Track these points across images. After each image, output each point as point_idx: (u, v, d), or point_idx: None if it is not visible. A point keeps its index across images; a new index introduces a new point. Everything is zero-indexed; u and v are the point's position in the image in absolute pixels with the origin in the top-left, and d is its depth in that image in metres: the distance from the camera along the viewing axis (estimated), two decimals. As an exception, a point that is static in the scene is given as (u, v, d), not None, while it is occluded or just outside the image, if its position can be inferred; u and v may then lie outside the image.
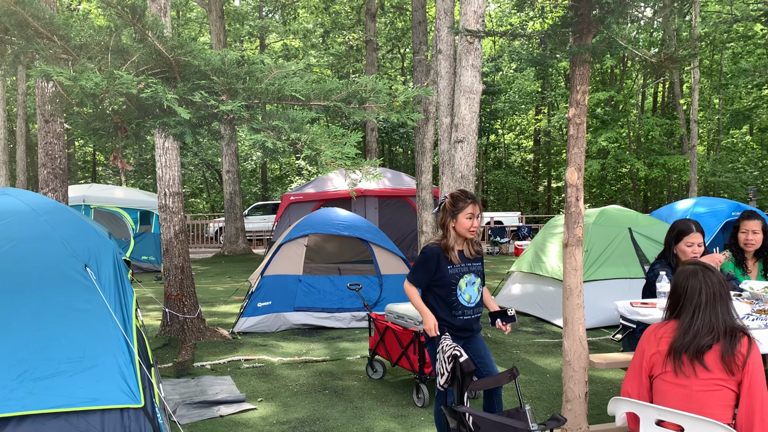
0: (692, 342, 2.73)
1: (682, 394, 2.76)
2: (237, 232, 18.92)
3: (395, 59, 33.58)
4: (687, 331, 2.76)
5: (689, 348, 2.73)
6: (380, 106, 2.87)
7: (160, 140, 7.19)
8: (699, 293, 2.80)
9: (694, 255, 4.22)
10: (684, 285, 2.87)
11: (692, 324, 2.76)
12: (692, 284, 2.83)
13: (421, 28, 11.02)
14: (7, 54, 2.76)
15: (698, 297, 2.80)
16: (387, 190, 15.11)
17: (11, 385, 3.76)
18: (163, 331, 7.35)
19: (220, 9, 18.63)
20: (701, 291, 2.80)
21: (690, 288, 2.83)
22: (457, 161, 6.87)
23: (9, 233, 4.17)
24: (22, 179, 17.08)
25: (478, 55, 6.90)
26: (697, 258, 4.19)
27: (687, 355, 2.73)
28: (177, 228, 7.37)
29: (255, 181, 33.39)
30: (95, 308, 4.08)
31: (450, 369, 3.57)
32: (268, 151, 2.74)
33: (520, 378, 5.95)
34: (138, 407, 3.87)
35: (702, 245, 4.29)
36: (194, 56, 2.77)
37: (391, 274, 8.24)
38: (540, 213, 32.12)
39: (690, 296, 2.82)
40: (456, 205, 3.78)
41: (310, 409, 5.09)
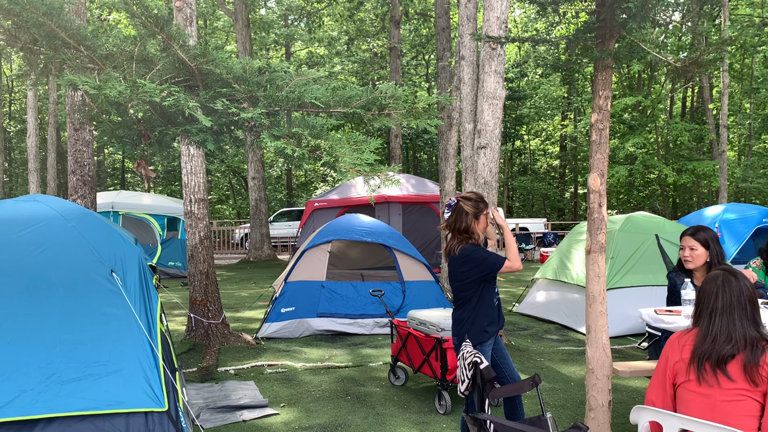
0: (712, 350, 2.70)
1: (706, 404, 2.71)
2: (262, 238, 19.07)
3: (419, 66, 33.62)
4: (705, 337, 2.74)
5: (710, 356, 2.70)
6: (400, 112, 2.89)
7: (185, 148, 7.30)
8: (715, 298, 2.78)
9: (686, 259, 4.18)
10: (703, 290, 2.86)
11: (709, 329, 2.74)
12: (709, 289, 2.82)
13: (444, 34, 11.02)
14: (36, 63, 2.83)
15: (713, 302, 2.78)
16: (411, 197, 15.12)
17: (39, 388, 3.83)
18: (188, 336, 7.43)
19: (246, 18, 18.85)
20: (717, 296, 2.78)
21: (707, 293, 2.82)
22: (480, 167, 6.85)
23: (38, 239, 4.27)
24: (52, 186, 17.46)
25: (501, 61, 6.88)
26: (690, 261, 4.15)
27: (709, 364, 2.70)
28: (202, 234, 7.46)
29: (280, 187, 33.65)
30: (121, 313, 4.15)
31: (470, 376, 3.55)
32: (288, 157, 2.76)
33: (544, 386, 5.89)
34: (162, 411, 3.92)
35: (695, 249, 4.19)
36: (216, 64, 2.81)
37: (414, 281, 8.23)
38: (566, 219, 31.81)
39: (706, 301, 2.81)
40: (478, 206, 3.87)
41: (332, 415, 5.10)
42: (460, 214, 3.86)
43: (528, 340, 7.82)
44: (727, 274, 2.85)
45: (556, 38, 4.45)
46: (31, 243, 4.25)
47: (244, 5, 18.66)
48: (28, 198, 4.64)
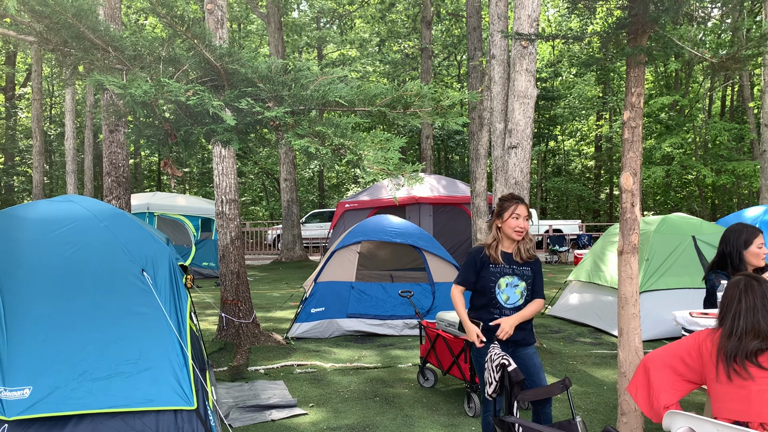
0: (739, 346, 2.78)
1: (742, 396, 2.74)
2: (294, 239, 19.20)
3: (451, 66, 33.48)
4: (731, 336, 2.82)
5: (738, 352, 2.78)
6: (425, 110, 2.85)
7: (217, 149, 7.38)
8: (738, 301, 2.89)
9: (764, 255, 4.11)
10: (726, 295, 2.96)
11: (734, 328, 2.84)
12: (731, 294, 2.94)
13: (476, 33, 10.94)
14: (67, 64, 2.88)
15: (737, 305, 2.88)
16: (441, 198, 15.04)
17: (72, 384, 3.90)
18: (219, 336, 7.51)
19: (279, 21, 19.02)
20: (740, 300, 2.88)
21: (730, 297, 2.93)
22: (511, 167, 6.77)
23: (72, 238, 4.35)
24: (89, 187, 17.86)
25: (532, 60, 6.79)
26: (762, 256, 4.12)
27: (738, 359, 2.77)
28: (233, 234, 7.53)
29: (312, 189, 33.86)
30: (151, 312, 4.20)
31: (498, 378, 3.50)
32: (312, 156, 2.75)
33: (576, 389, 5.78)
34: (191, 409, 3.95)
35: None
36: (242, 64, 2.82)
37: (444, 282, 8.17)
38: (601, 221, 31.30)
39: (729, 305, 2.92)
40: (502, 205, 3.79)
41: (361, 416, 5.09)
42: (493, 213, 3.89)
43: (560, 343, 7.69)
44: (749, 278, 2.95)
45: (588, 34, 4.37)
46: (65, 242, 4.33)
47: (277, 8, 18.83)
48: (63, 198, 4.74)
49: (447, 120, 2.87)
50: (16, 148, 28.22)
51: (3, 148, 27.81)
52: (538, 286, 3.88)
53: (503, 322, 3.69)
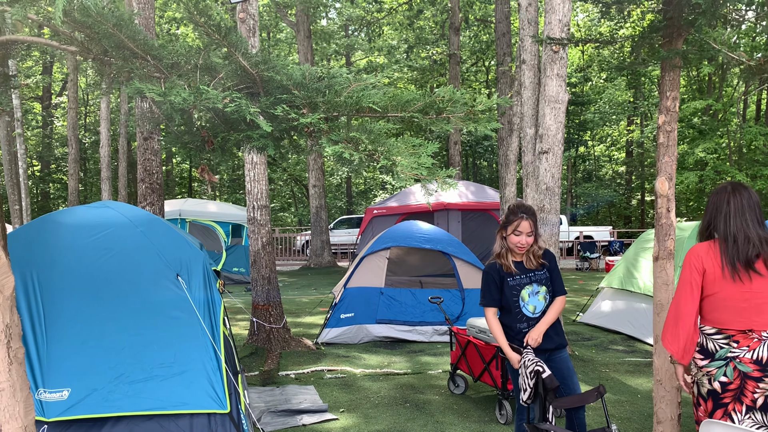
0: (737, 251, 2.92)
1: (743, 295, 2.91)
2: (323, 245, 19.30)
3: (479, 72, 33.39)
4: (726, 240, 2.96)
5: (739, 257, 2.91)
6: (458, 116, 2.86)
7: (249, 156, 7.47)
8: (726, 203, 3.01)
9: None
10: (714, 200, 3.07)
11: (727, 232, 2.96)
12: (720, 198, 3.05)
13: (505, 39, 10.91)
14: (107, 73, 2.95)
15: (726, 207, 3.00)
16: (470, 204, 14.99)
17: (109, 387, 3.97)
18: (250, 340, 7.58)
19: (308, 29, 19.19)
20: (729, 202, 3.00)
21: (718, 201, 3.04)
22: (542, 173, 6.72)
23: (108, 243, 4.44)
24: (123, 194, 18.20)
25: (563, 64, 6.74)
26: None
27: (740, 263, 2.91)
28: (264, 240, 7.60)
29: (340, 195, 34.01)
30: (186, 316, 4.26)
31: (532, 385, 3.47)
32: (346, 161, 2.77)
33: (609, 398, 5.70)
34: (224, 413, 3.99)
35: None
36: (277, 71, 2.85)
37: (474, 288, 8.12)
38: (633, 227, 30.84)
39: (719, 207, 3.03)
40: (507, 218, 3.76)
41: (391, 422, 5.08)
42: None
43: (592, 351, 7.59)
44: (735, 183, 3.09)
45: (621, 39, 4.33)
46: (102, 247, 4.42)
47: (306, 17, 19.01)
48: (99, 204, 4.84)
49: (479, 125, 2.87)
50: (52, 156, 28.91)
51: (39, 156, 28.51)
52: (557, 282, 3.83)
53: (530, 335, 3.66)
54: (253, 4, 7.28)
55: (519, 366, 3.58)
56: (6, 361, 3.08)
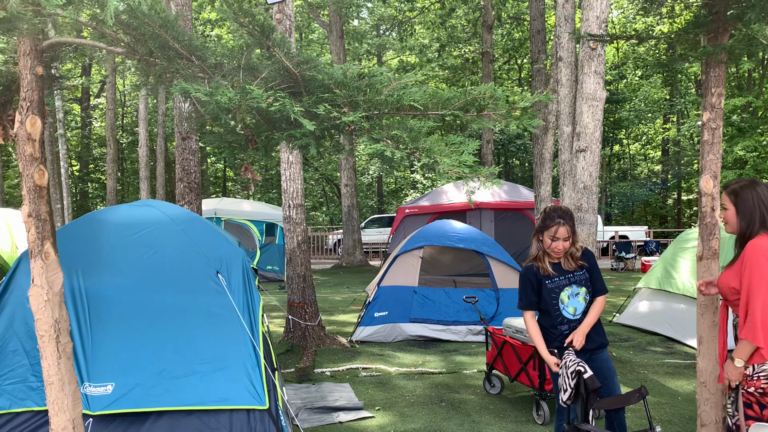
0: None
1: None
2: (354, 244, 19.36)
3: (512, 70, 33.11)
4: None
5: None
6: (499, 113, 2.84)
7: (284, 155, 7.54)
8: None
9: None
10: (754, 196, 3.08)
11: None
12: (761, 191, 3.09)
13: (539, 36, 10.80)
14: (152, 74, 3.00)
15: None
16: (503, 203, 14.89)
17: (151, 382, 4.05)
18: (285, 338, 7.65)
19: (341, 29, 19.27)
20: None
21: (760, 196, 3.07)
22: (579, 171, 6.64)
23: (151, 241, 4.52)
24: (161, 193, 18.53)
25: (601, 61, 6.65)
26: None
27: None
28: (300, 238, 7.66)
29: (371, 194, 34.07)
30: (226, 313, 4.32)
31: (573, 385, 3.43)
32: (387, 160, 2.78)
33: (649, 399, 5.61)
34: (263, 409, 4.03)
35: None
36: (318, 71, 2.87)
37: (509, 288, 8.07)
38: (669, 227, 30.26)
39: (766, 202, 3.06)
40: (543, 222, 3.70)
41: (427, 421, 5.08)
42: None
43: (630, 352, 7.48)
44: (754, 180, 3.16)
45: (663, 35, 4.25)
46: (144, 245, 4.51)
47: (339, 17, 19.09)
48: (142, 203, 4.94)
49: (521, 122, 2.85)
50: (91, 156, 29.58)
51: (79, 156, 29.18)
52: (597, 281, 3.78)
53: (575, 337, 3.62)
54: (289, 5, 7.34)
55: (560, 367, 3.54)
56: (55, 356, 3.17)
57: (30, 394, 4.03)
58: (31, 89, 2.99)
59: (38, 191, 3.06)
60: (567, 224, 3.63)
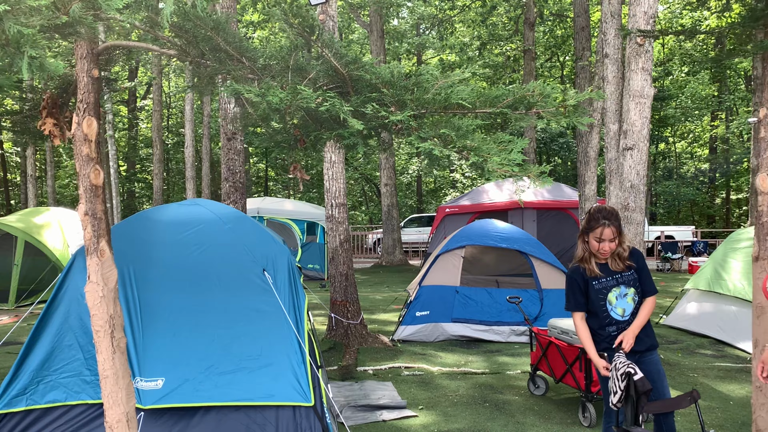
0: None
1: None
2: (394, 243, 19.38)
3: (554, 68, 32.66)
4: None
5: None
6: (549, 110, 2.81)
7: (327, 155, 7.60)
8: None
9: None
10: None
11: None
12: None
13: (584, 33, 10.63)
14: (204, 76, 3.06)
15: None
16: (546, 202, 14.69)
17: (200, 378, 4.13)
18: (328, 335, 7.71)
19: (381, 29, 19.31)
20: None
21: None
22: (626, 170, 6.51)
23: (199, 239, 4.62)
24: (206, 193, 18.89)
25: (648, 58, 6.51)
26: None
27: None
28: (342, 237, 7.71)
29: (410, 194, 34.05)
30: (272, 310, 4.38)
31: (623, 387, 3.37)
32: (434, 159, 2.78)
33: (700, 404, 5.45)
34: (309, 406, 4.07)
35: None
36: (366, 71, 2.89)
37: (553, 289, 7.97)
38: (717, 227, 29.42)
39: None
40: (588, 224, 3.63)
41: (471, 421, 5.05)
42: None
43: (678, 354, 7.30)
44: None
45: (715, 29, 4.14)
46: (193, 243, 4.60)
47: (380, 17, 19.13)
48: (191, 202, 5.04)
49: (572, 120, 2.81)
50: (137, 157, 30.32)
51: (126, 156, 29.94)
52: (647, 282, 3.68)
53: (625, 338, 3.55)
54: (333, 6, 7.40)
55: (609, 369, 3.48)
56: (110, 350, 3.26)
57: (84, 388, 4.15)
58: (87, 91, 3.09)
59: (94, 190, 3.16)
60: (612, 225, 3.57)
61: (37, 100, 4.63)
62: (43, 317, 4.34)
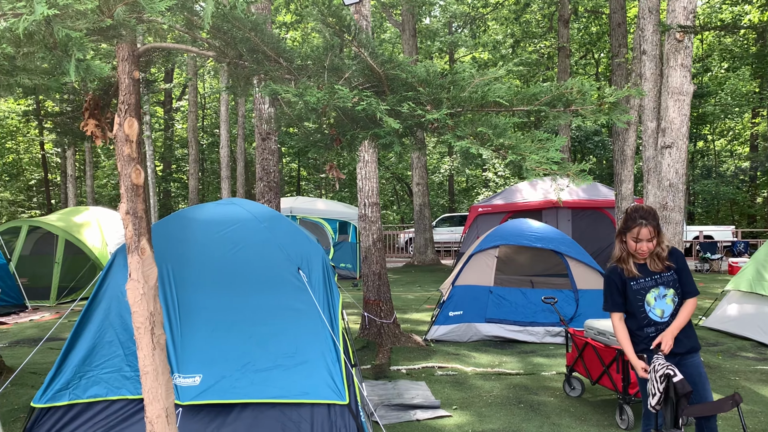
0: None
1: None
2: (426, 243, 19.34)
3: (588, 65, 32.19)
4: None
5: None
6: (588, 108, 2.77)
7: (361, 154, 7.62)
8: None
9: None
10: None
11: None
12: None
13: (620, 30, 10.46)
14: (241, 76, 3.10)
15: None
16: (581, 201, 14.49)
17: (236, 375, 4.18)
18: (361, 334, 7.73)
19: (413, 28, 19.28)
20: None
21: None
22: (665, 168, 6.39)
23: (236, 238, 4.67)
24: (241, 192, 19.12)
25: (688, 54, 6.38)
26: None
27: None
28: (375, 236, 7.73)
29: (442, 193, 33.94)
30: (307, 308, 4.41)
31: (662, 389, 3.31)
32: (471, 157, 2.76)
33: (742, 407, 5.32)
34: (343, 404, 4.09)
35: None
36: (402, 69, 2.89)
37: (589, 289, 7.86)
38: (758, 227, 28.64)
39: None
40: (625, 224, 3.58)
41: (506, 422, 5.02)
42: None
43: (719, 357, 7.13)
44: None
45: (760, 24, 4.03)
46: (230, 242, 4.66)
47: (412, 15, 19.11)
48: (227, 201, 5.11)
49: (611, 117, 2.77)
50: (173, 157, 30.83)
51: (162, 157, 30.47)
52: (688, 283, 3.61)
53: (664, 339, 3.48)
54: (366, 5, 7.42)
55: (648, 372, 3.42)
56: (150, 347, 3.32)
57: (125, 383, 4.24)
58: (128, 92, 3.15)
59: (135, 190, 3.22)
60: (650, 225, 3.51)
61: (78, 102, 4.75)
62: (85, 314, 4.44)
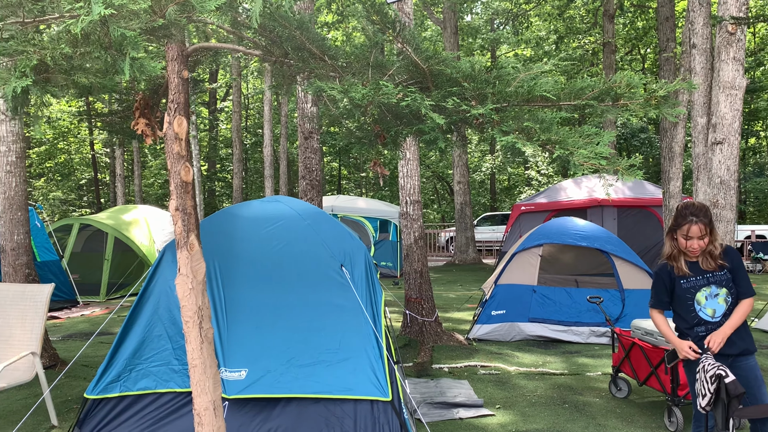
0: None
1: None
2: (467, 242, 19.23)
3: (634, 61, 31.48)
4: None
5: None
6: (637, 102, 2.72)
7: (403, 152, 7.62)
8: None
9: None
10: None
11: None
12: None
13: (668, 24, 10.20)
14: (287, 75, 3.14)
15: None
16: (627, 200, 14.19)
17: (281, 369, 4.24)
18: (403, 332, 7.74)
19: (455, 25, 19.19)
20: None
21: None
22: (716, 165, 6.21)
23: (280, 234, 4.74)
24: (284, 190, 19.37)
25: (740, 47, 6.18)
26: None
27: None
28: (417, 234, 7.72)
29: (484, 192, 33.69)
30: (350, 305, 4.44)
31: (713, 390, 3.22)
32: (516, 152, 2.74)
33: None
34: (386, 401, 4.10)
35: None
36: (446, 65, 2.88)
37: (635, 289, 7.70)
38: (814, 226, 27.51)
39: None
40: (676, 221, 3.50)
41: (550, 422, 4.95)
42: None
43: None
44: None
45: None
46: (275, 238, 4.73)
47: (453, 13, 19.01)
48: (272, 199, 5.18)
49: (661, 111, 2.71)
50: (218, 157, 31.39)
51: (207, 156, 31.06)
52: (743, 282, 3.50)
53: (712, 338, 3.39)
54: (408, 3, 7.41)
55: (697, 370, 3.34)
56: (198, 340, 3.39)
57: (173, 377, 4.34)
58: (178, 92, 3.22)
59: (184, 187, 3.29)
60: (701, 222, 3.41)
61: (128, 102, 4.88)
62: (135, 309, 4.57)
